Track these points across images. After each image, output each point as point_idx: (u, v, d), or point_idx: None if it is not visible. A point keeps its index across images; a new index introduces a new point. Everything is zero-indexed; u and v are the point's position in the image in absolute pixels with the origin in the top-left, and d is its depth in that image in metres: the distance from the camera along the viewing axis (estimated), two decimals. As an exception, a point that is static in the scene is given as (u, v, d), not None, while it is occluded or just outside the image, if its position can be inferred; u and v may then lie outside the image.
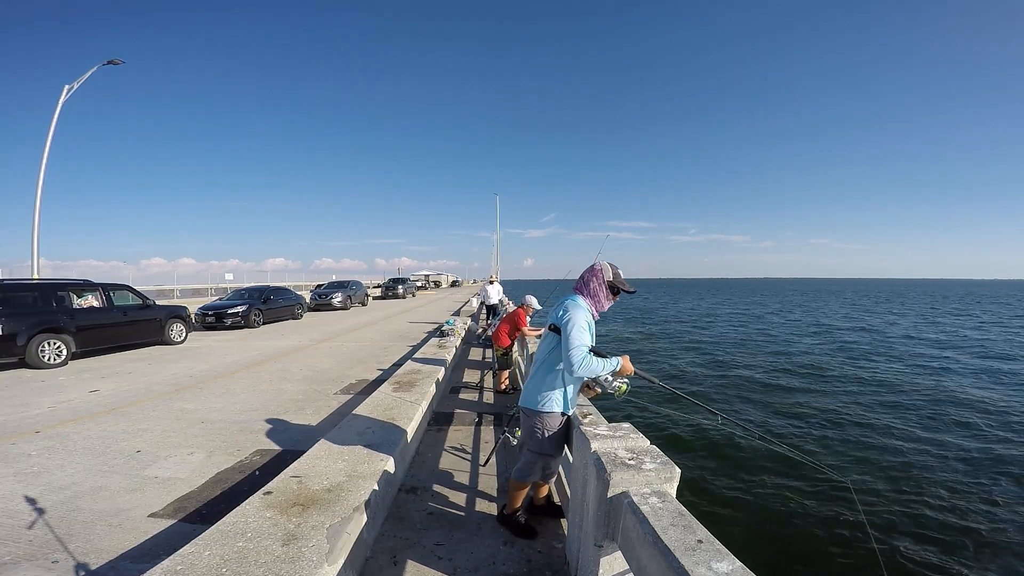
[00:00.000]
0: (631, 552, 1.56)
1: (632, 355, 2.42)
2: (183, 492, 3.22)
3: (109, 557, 2.46)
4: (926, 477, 6.14)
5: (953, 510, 5.30)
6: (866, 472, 6.27)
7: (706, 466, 6.44)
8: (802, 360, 14.59)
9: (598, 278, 2.35)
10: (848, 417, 8.61)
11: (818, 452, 6.98)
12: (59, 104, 12.69)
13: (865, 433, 7.80)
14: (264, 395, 5.81)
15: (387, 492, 2.90)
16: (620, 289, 2.38)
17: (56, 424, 4.67)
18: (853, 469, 6.37)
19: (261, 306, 14.03)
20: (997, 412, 8.99)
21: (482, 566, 2.32)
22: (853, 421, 8.41)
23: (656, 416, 8.81)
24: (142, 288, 12.63)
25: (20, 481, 3.35)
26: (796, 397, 10.13)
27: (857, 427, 8.10)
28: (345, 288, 20.66)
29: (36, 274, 12.39)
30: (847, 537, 4.74)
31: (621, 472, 1.73)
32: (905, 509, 5.31)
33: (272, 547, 1.98)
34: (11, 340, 7.09)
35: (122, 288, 9.52)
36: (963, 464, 6.55)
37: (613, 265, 2.41)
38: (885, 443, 7.33)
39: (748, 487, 5.80)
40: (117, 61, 13.00)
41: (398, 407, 4.19)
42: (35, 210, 12.52)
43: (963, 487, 5.85)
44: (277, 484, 2.62)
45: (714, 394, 10.48)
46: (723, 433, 7.76)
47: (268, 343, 10.46)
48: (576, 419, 2.46)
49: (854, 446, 7.20)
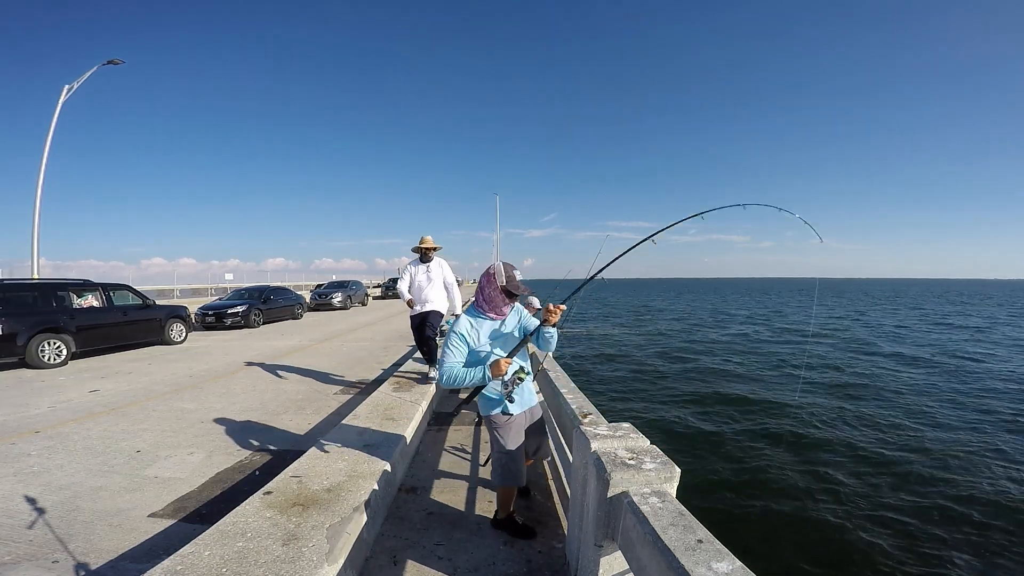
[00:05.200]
0: (631, 552, 1.56)
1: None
2: (183, 492, 3.22)
3: (109, 557, 2.46)
4: (926, 477, 6.14)
5: (954, 510, 5.31)
6: (866, 472, 6.27)
7: (706, 466, 6.44)
8: (813, 361, 14.60)
9: (492, 284, 2.34)
10: (848, 417, 8.62)
11: (818, 452, 6.98)
12: (59, 104, 12.70)
13: (865, 433, 7.81)
14: (264, 395, 5.80)
15: (387, 492, 2.90)
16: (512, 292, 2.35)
17: (56, 424, 4.67)
18: (854, 469, 6.37)
19: (261, 306, 14.03)
20: (989, 411, 8.99)
21: (482, 566, 2.32)
22: (854, 421, 8.41)
23: (656, 416, 8.82)
24: (142, 288, 12.62)
25: (20, 481, 3.35)
26: (797, 397, 10.14)
27: (857, 427, 8.10)
28: (345, 288, 20.66)
29: (36, 274, 12.38)
30: (848, 537, 4.74)
31: (621, 472, 1.73)
32: (905, 509, 5.31)
33: (272, 547, 1.98)
34: (11, 340, 7.09)
35: (122, 288, 9.52)
36: (964, 464, 6.55)
37: (509, 266, 2.37)
38: (885, 443, 7.33)
39: (749, 487, 5.80)
40: (117, 61, 13.00)
41: (398, 407, 4.19)
42: (35, 210, 12.52)
43: (964, 487, 5.85)
44: (277, 484, 2.62)
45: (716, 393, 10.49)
46: (723, 433, 7.78)
47: (268, 343, 10.46)
48: (576, 419, 2.46)
49: (855, 445, 7.20)
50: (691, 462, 6.49)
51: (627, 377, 12.34)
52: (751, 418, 8.62)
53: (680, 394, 10.44)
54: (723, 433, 7.75)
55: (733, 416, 8.72)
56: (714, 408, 9.29)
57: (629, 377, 12.34)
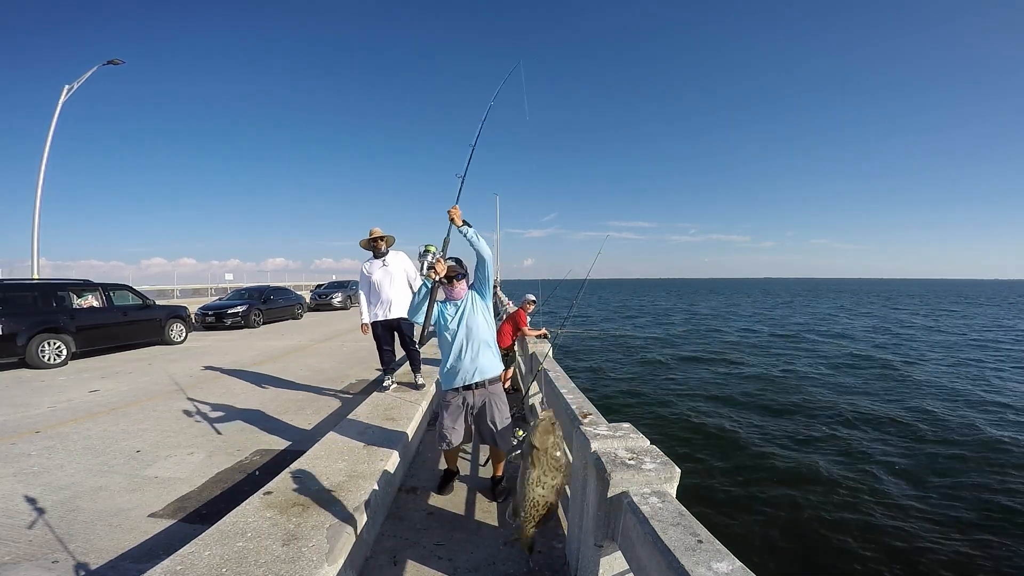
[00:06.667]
0: (631, 552, 1.56)
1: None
2: (183, 492, 3.22)
3: (109, 557, 2.46)
4: (927, 476, 6.14)
5: (956, 510, 5.30)
6: (867, 472, 6.26)
7: (707, 466, 6.44)
8: (813, 361, 14.60)
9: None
10: (848, 417, 8.61)
11: (819, 452, 6.98)
12: (59, 104, 12.69)
13: (866, 433, 7.80)
14: (264, 395, 5.80)
15: (387, 492, 2.90)
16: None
17: (56, 424, 4.67)
18: (854, 469, 6.37)
19: (261, 306, 14.03)
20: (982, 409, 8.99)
21: (482, 566, 2.32)
22: (854, 421, 8.41)
23: (656, 416, 8.82)
24: (142, 288, 12.64)
25: (20, 481, 3.35)
26: (794, 397, 10.14)
27: (857, 427, 8.10)
28: (345, 288, 20.64)
29: (36, 274, 12.38)
30: (848, 537, 4.74)
31: (621, 472, 1.73)
32: (906, 509, 5.31)
33: (272, 547, 1.98)
34: (11, 340, 7.10)
35: (122, 288, 9.53)
36: (966, 464, 6.55)
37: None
38: (885, 443, 7.33)
39: (748, 487, 5.80)
40: (117, 61, 12.99)
41: (398, 407, 4.19)
42: (35, 210, 12.52)
43: (966, 488, 5.85)
44: (277, 484, 2.62)
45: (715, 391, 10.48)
46: (723, 433, 7.77)
47: (268, 343, 10.46)
48: (576, 419, 2.46)
49: (855, 445, 7.20)
50: (691, 462, 6.49)
51: (627, 377, 12.34)
52: (751, 418, 8.62)
53: (680, 394, 10.44)
54: (723, 433, 7.75)
55: (733, 416, 8.72)
56: (714, 408, 9.29)
57: (629, 377, 12.34)
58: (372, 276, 4.59)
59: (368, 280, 4.61)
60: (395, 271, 4.59)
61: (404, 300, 4.56)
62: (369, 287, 4.63)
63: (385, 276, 4.57)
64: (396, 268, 4.60)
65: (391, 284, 4.55)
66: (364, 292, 4.67)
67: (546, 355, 4.35)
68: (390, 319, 4.59)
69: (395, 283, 4.56)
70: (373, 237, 4.58)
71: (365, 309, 4.66)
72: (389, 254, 4.67)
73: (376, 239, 4.59)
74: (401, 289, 4.60)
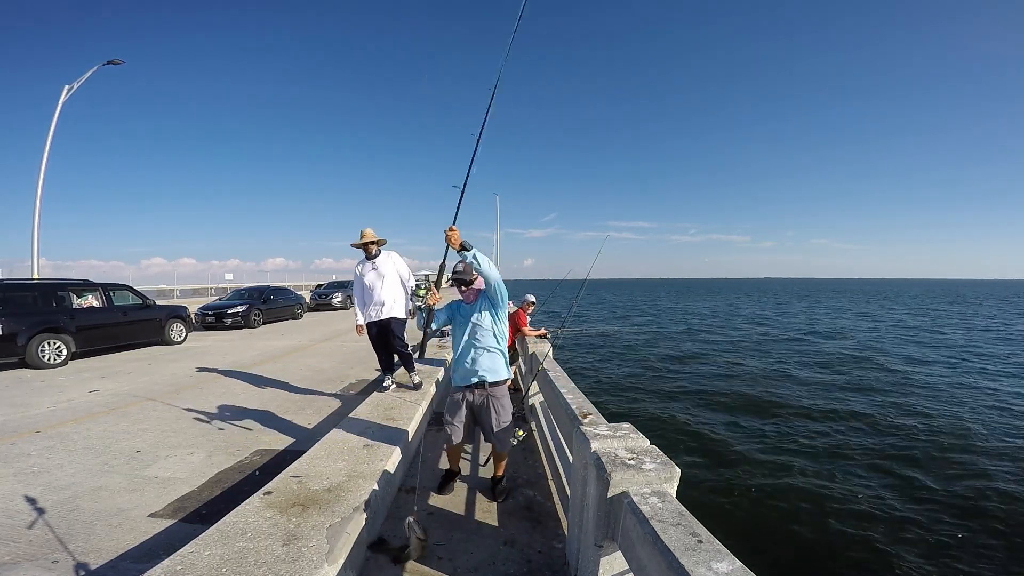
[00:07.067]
0: (631, 552, 1.56)
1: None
2: (183, 492, 3.22)
3: (109, 557, 2.46)
4: (927, 476, 6.14)
5: (956, 510, 5.31)
6: (867, 471, 6.27)
7: (706, 466, 6.44)
8: (813, 361, 14.60)
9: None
10: (849, 417, 8.61)
11: (819, 452, 6.98)
12: (59, 104, 12.69)
13: (866, 433, 7.80)
14: (264, 395, 5.80)
15: (387, 492, 2.90)
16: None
17: (56, 424, 4.67)
18: (854, 469, 6.37)
19: (261, 306, 14.04)
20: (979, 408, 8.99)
21: (482, 566, 2.32)
22: (853, 421, 8.41)
23: (656, 416, 8.82)
24: (142, 288, 12.62)
25: (20, 481, 3.35)
26: (794, 398, 10.14)
27: (858, 426, 8.10)
28: (345, 288, 20.64)
29: (36, 274, 12.38)
30: (848, 537, 4.74)
31: (621, 472, 1.73)
32: (906, 509, 5.31)
33: (272, 547, 1.98)
34: (11, 340, 7.09)
35: (122, 288, 9.52)
36: (967, 463, 6.55)
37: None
38: (885, 442, 7.33)
39: (748, 487, 5.80)
40: (117, 61, 13.00)
41: (398, 407, 4.19)
42: (35, 210, 12.52)
43: (967, 487, 5.85)
44: (277, 484, 2.62)
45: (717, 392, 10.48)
46: (723, 433, 7.77)
47: (268, 343, 10.46)
48: (576, 419, 2.46)
49: (856, 445, 7.20)
50: (691, 462, 6.49)
51: (627, 377, 12.34)
52: (751, 418, 8.62)
53: (680, 394, 10.44)
54: (723, 433, 7.75)
55: (733, 416, 8.72)
56: (714, 408, 9.29)
57: (629, 377, 12.34)
58: (364, 278, 4.63)
59: (361, 282, 4.66)
60: (387, 272, 4.61)
61: (397, 300, 4.64)
62: (362, 289, 4.67)
63: (377, 278, 4.59)
64: (388, 269, 4.63)
65: (383, 285, 4.58)
66: (357, 294, 4.71)
67: (546, 355, 4.35)
68: (383, 319, 4.63)
69: (387, 284, 4.59)
70: (364, 241, 4.59)
71: (359, 310, 4.71)
72: (381, 255, 4.67)
73: (369, 243, 4.60)
74: (394, 290, 4.64)
